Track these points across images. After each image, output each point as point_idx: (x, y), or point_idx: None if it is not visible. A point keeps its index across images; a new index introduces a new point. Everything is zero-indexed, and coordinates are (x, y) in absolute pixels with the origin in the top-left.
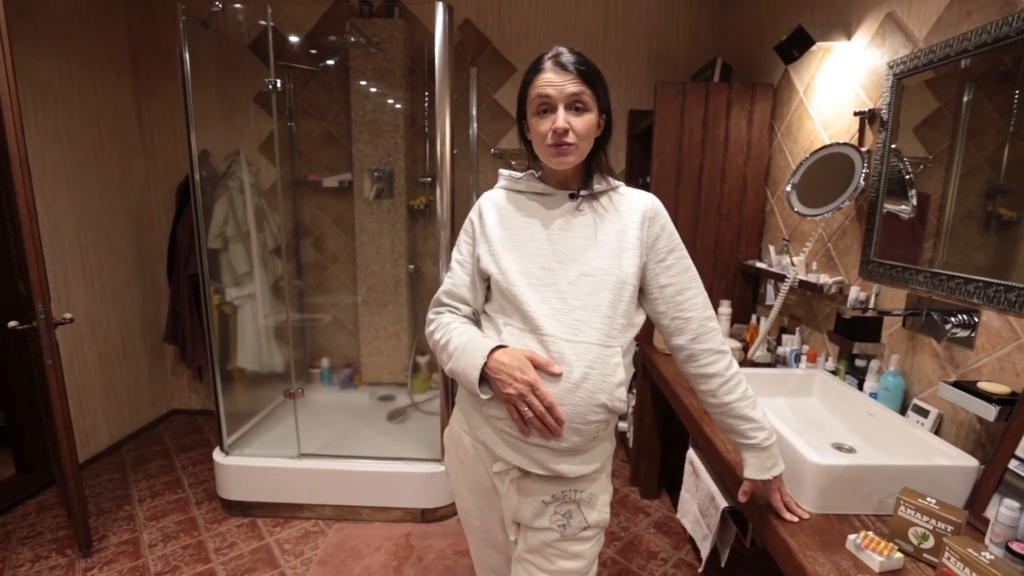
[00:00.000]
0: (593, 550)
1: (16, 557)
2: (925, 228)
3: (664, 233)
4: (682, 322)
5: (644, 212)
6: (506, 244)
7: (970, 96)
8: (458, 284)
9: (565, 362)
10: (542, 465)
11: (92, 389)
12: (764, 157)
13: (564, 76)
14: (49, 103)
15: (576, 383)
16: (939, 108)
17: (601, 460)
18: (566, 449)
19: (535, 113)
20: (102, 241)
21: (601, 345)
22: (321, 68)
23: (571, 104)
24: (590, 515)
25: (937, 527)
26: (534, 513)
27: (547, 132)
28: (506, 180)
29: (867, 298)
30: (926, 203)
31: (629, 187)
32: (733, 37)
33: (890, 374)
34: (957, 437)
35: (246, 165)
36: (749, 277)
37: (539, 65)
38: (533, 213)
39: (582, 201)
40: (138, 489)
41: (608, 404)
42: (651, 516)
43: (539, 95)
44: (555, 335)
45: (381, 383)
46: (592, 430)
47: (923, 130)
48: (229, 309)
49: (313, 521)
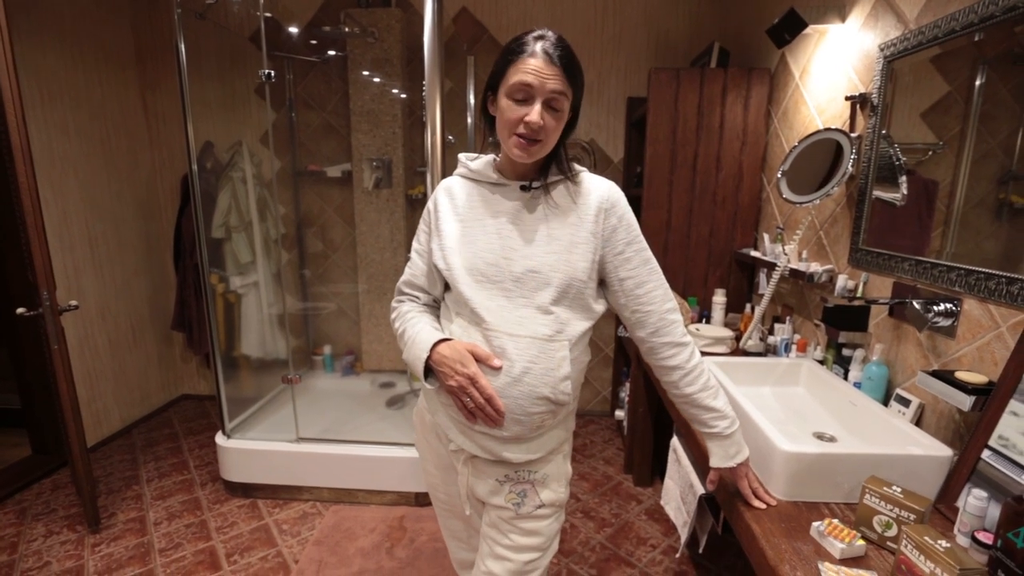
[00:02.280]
0: (551, 527)
1: (31, 532)
2: (933, 217)
3: (622, 224)
4: (642, 315)
5: (600, 204)
6: (457, 238)
7: (983, 79)
8: (416, 274)
9: (507, 356)
10: (488, 451)
11: (103, 374)
12: (760, 144)
13: (551, 69)
14: (56, 96)
15: (516, 377)
16: (950, 92)
17: (550, 447)
18: (509, 437)
19: (509, 96)
20: (111, 231)
21: (545, 340)
22: (320, 59)
23: (549, 101)
24: (544, 494)
25: (900, 515)
26: (489, 491)
27: (518, 121)
28: (462, 168)
29: (855, 286)
30: (934, 191)
31: (592, 175)
32: (732, 22)
33: (874, 363)
34: (937, 427)
35: (248, 156)
36: (745, 266)
37: (525, 46)
38: (486, 204)
39: (534, 193)
40: (146, 470)
41: (551, 397)
42: (643, 503)
43: (521, 82)
44: (498, 330)
45: (382, 370)
46: (534, 421)
47: (932, 115)
48: (233, 298)
49: (311, 503)
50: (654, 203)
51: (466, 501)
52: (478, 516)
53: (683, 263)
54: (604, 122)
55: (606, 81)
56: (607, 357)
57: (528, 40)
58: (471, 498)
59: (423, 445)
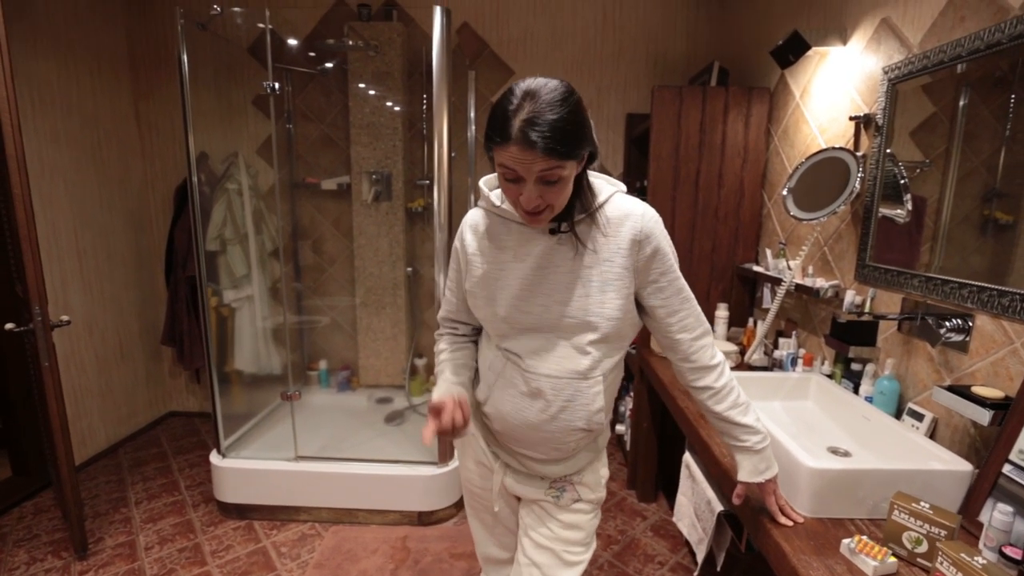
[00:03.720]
0: (591, 523)
1: (12, 560)
2: (922, 232)
3: (657, 256)
4: (673, 342)
5: (634, 236)
6: (489, 283)
7: (966, 100)
8: (452, 309)
9: (543, 397)
10: (528, 468)
11: (89, 391)
12: (761, 161)
13: (530, 154)
14: (48, 104)
15: (553, 415)
16: (935, 112)
17: (589, 458)
18: (548, 459)
19: (501, 174)
20: (100, 243)
21: (581, 378)
22: (320, 71)
23: (542, 179)
24: (582, 491)
25: (931, 531)
26: (529, 487)
27: (515, 199)
28: (486, 202)
29: (863, 302)
30: (923, 207)
31: (626, 196)
32: (731, 41)
33: (885, 378)
34: (952, 441)
35: (244, 167)
36: (746, 281)
37: (506, 129)
38: (517, 245)
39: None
40: (135, 491)
41: (586, 427)
42: (648, 519)
43: (504, 166)
44: (536, 372)
45: (379, 385)
46: (570, 447)
47: (920, 134)
48: (227, 311)
49: (310, 524)
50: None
51: (496, 498)
52: (508, 510)
53: (686, 278)
54: (604, 137)
55: (605, 97)
56: None
57: (508, 115)
58: (504, 495)
59: (464, 441)
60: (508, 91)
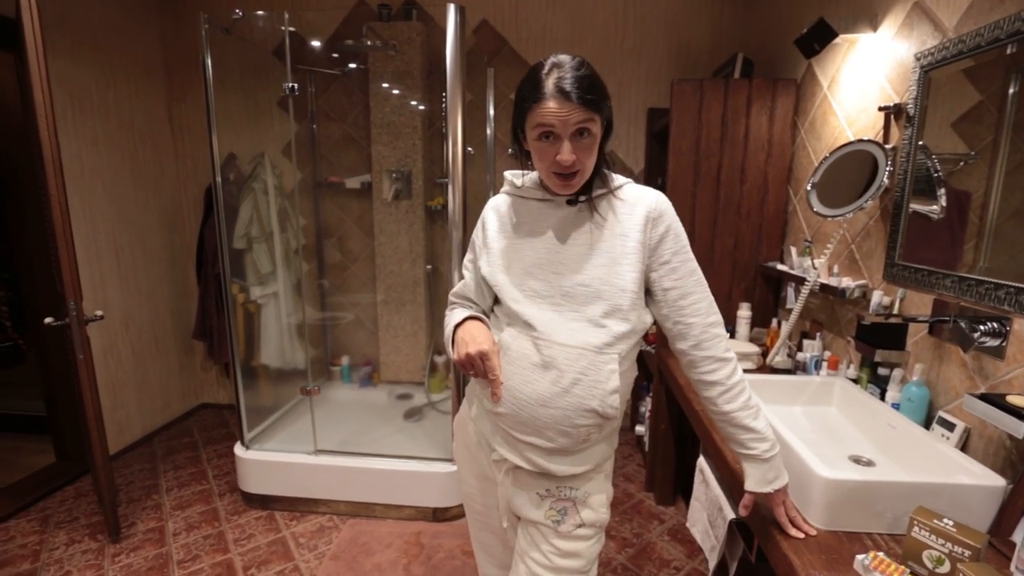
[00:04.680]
0: (592, 550)
1: (53, 540)
2: (966, 229)
3: (670, 234)
4: (684, 327)
5: (647, 214)
6: (507, 255)
7: (1017, 87)
8: (466, 287)
9: (557, 366)
10: (532, 463)
11: (126, 383)
12: (786, 155)
13: (568, 106)
14: (87, 109)
15: (566, 388)
16: (982, 101)
17: (595, 461)
18: (555, 449)
19: (536, 138)
20: (136, 241)
21: (596, 351)
22: (342, 72)
23: (576, 133)
24: (585, 513)
25: (953, 551)
26: (529, 503)
27: (551, 161)
28: (509, 186)
29: (891, 303)
30: (967, 202)
31: (638, 184)
32: (756, 32)
33: (913, 384)
34: (985, 454)
35: (270, 167)
36: (770, 280)
37: (539, 89)
38: (534, 220)
39: (581, 206)
40: (166, 479)
41: (599, 410)
42: (665, 523)
43: (541, 124)
44: (549, 339)
45: (399, 382)
46: (581, 433)
47: (963, 124)
48: (253, 307)
49: (328, 516)
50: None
51: (504, 513)
52: (514, 531)
53: (706, 276)
54: (624, 133)
55: (626, 92)
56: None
57: (540, 79)
58: (510, 511)
59: (463, 454)
60: (536, 65)
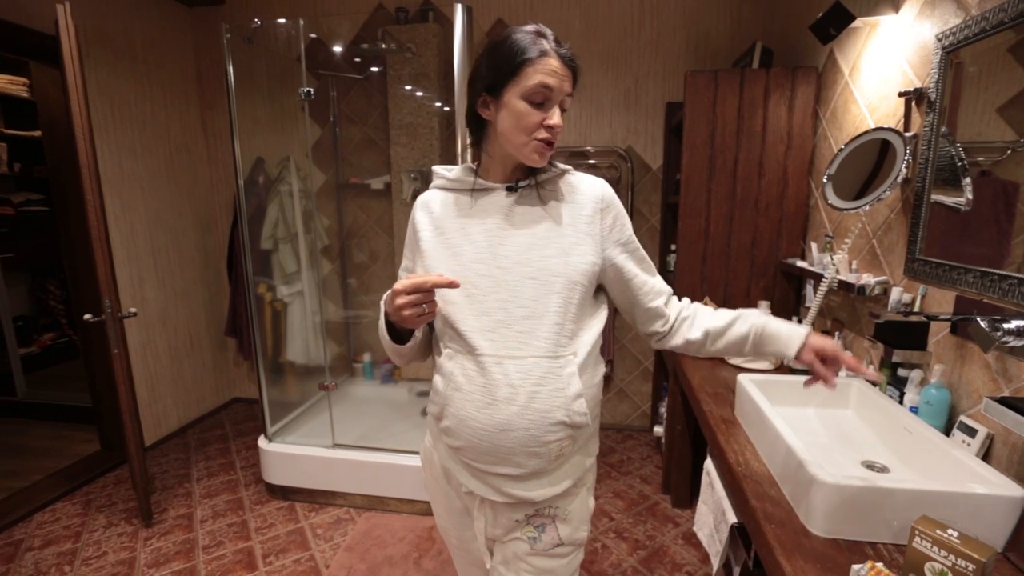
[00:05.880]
0: (568, 567)
1: (93, 523)
2: (1013, 223)
3: (617, 224)
4: (650, 312)
5: (596, 203)
6: (440, 254)
7: None
8: None
9: (510, 383)
10: (505, 494)
11: (163, 377)
12: (807, 147)
13: (565, 71)
14: (126, 120)
15: (524, 405)
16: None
17: (575, 476)
18: (527, 474)
19: (527, 99)
20: (172, 243)
21: (550, 357)
22: (363, 76)
23: (561, 103)
24: (563, 531)
25: (956, 564)
26: (507, 529)
27: (537, 125)
28: (439, 179)
29: (912, 300)
30: (1014, 194)
31: (580, 172)
32: (776, 20)
33: (933, 386)
34: (1010, 462)
35: (295, 170)
36: (791, 277)
37: (537, 46)
38: (470, 213)
39: (522, 193)
40: (197, 469)
41: (566, 420)
42: (680, 526)
43: (543, 84)
44: (495, 354)
45: (419, 379)
46: (553, 450)
47: (1011, 110)
48: (280, 306)
49: (345, 508)
50: (691, 211)
51: (486, 552)
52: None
53: (723, 273)
54: (642, 128)
55: (643, 86)
56: (647, 371)
57: (537, 39)
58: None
59: (432, 487)
60: (508, 31)
